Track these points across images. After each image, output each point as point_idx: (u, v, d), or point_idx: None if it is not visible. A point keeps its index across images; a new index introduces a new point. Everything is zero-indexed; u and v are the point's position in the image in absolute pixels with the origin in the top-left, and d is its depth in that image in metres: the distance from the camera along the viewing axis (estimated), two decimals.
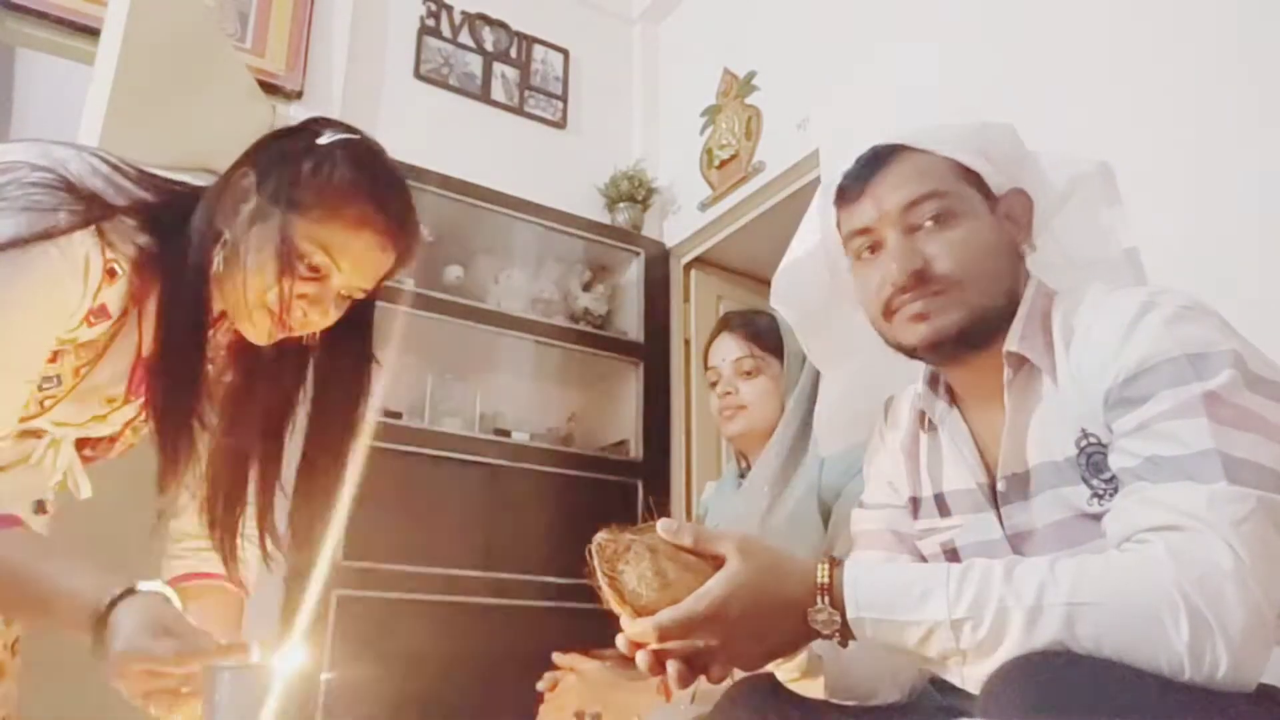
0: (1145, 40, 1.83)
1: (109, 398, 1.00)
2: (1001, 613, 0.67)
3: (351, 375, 1.07)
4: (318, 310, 0.95)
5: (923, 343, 0.87)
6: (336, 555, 2.34)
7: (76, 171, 0.90)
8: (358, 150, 0.96)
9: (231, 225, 0.93)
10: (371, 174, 0.95)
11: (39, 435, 1.05)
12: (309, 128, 0.98)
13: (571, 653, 1.46)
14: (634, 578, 0.75)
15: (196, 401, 0.96)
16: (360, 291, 0.99)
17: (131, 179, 0.94)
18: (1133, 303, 0.78)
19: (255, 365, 1.03)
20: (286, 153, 0.94)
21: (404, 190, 0.99)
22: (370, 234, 0.94)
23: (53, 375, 0.94)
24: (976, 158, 0.90)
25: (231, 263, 0.92)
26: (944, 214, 0.87)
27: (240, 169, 0.96)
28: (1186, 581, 0.63)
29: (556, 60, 3.39)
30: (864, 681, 0.89)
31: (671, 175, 3.36)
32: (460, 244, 3.02)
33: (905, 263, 0.86)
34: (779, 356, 1.54)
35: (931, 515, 0.95)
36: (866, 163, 0.91)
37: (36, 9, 2.34)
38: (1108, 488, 0.78)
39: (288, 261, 0.91)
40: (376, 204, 0.94)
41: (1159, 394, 0.72)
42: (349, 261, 0.94)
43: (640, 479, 2.93)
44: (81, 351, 0.94)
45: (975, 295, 0.86)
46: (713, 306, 3.21)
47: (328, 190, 0.92)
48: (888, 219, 0.88)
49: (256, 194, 0.93)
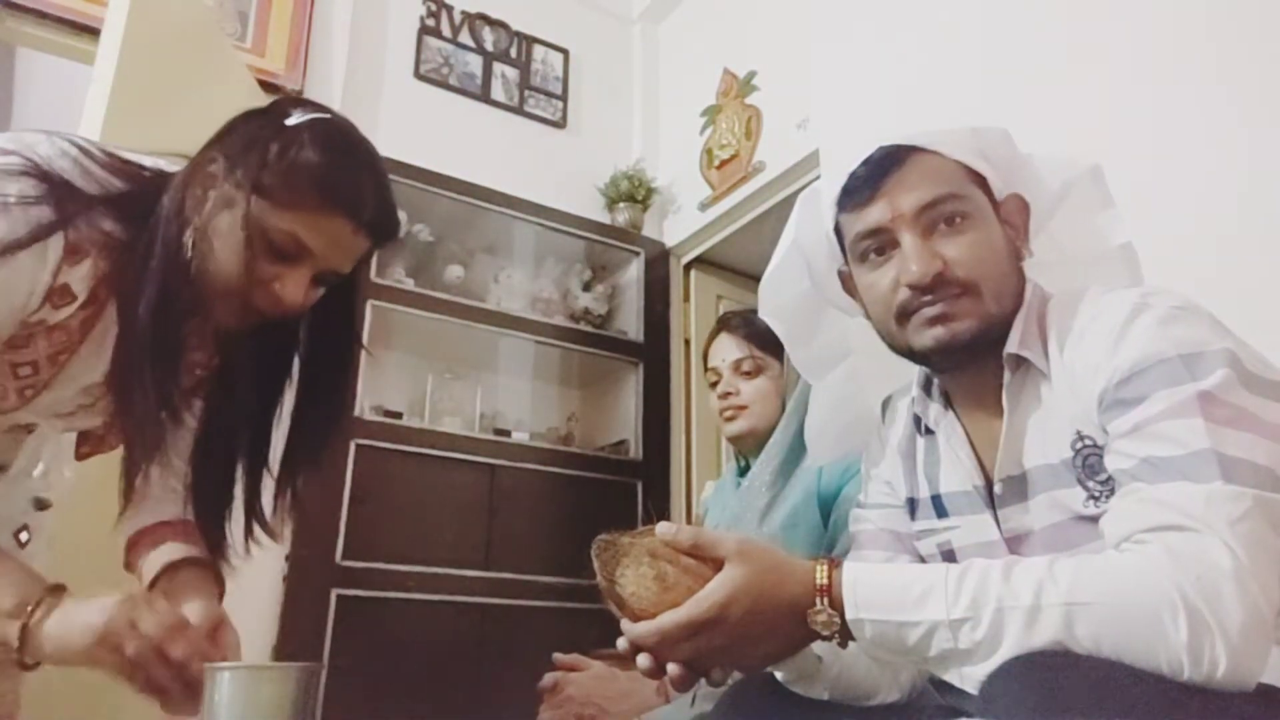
0: (1145, 40, 1.83)
1: (90, 386, 0.98)
2: (1000, 613, 0.67)
3: (335, 359, 1.06)
4: (291, 293, 0.93)
5: (939, 345, 0.86)
6: (336, 555, 2.35)
7: (45, 154, 0.89)
8: (325, 130, 0.93)
9: (200, 210, 0.91)
10: (340, 155, 0.92)
11: (29, 429, 1.04)
12: (277, 109, 0.96)
13: (571, 653, 1.46)
14: (633, 581, 0.75)
15: (166, 392, 0.93)
16: (335, 274, 0.97)
17: (101, 164, 0.93)
18: (1126, 304, 0.78)
19: (239, 350, 1.02)
20: (253, 136, 0.92)
21: (375, 170, 0.96)
22: (340, 216, 0.91)
23: (27, 361, 0.92)
24: (980, 160, 0.90)
25: (201, 249, 0.90)
26: (960, 216, 0.86)
27: (208, 153, 0.94)
28: (1185, 581, 0.63)
29: (556, 60, 3.40)
30: (864, 682, 0.89)
31: (671, 175, 3.36)
32: (460, 244, 3.03)
33: (926, 265, 0.84)
34: (778, 357, 1.54)
35: (929, 517, 0.95)
36: (877, 163, 0.89)
37: (36, 9, 2.34)
38: (1104, 489, 0.78)
39: (260, 248, 0.90)
40: (345, 186, 0.92)
41: (1153, 395, 0.72)
42: (320, 245, 0.92)
43: (640, 479, 2.93)
44: (54, 336, 0.92)
45: (991, 301, 0.85)
46: (713, 306, 3.22)
47: (294, 173, 0.89)
48: (903, 220, 0.86)
49: (224, 178, 0.91)
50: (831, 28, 2.72)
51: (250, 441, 1.06)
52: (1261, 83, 1.63)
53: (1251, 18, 1.67)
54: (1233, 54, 1.69)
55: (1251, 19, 1.67)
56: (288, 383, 1.06)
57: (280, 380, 1.05)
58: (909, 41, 2.41)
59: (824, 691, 0.87)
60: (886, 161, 0.89)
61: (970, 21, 2.24)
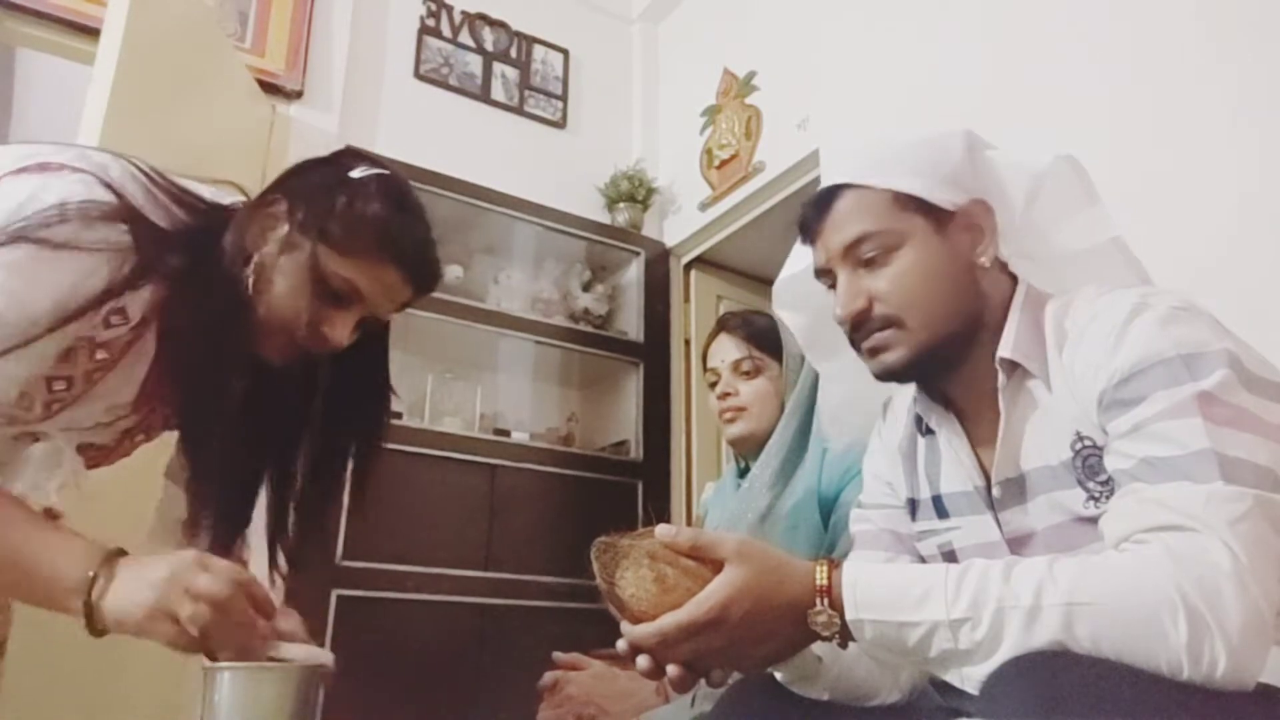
0: (1146, 38, 1.83)
1: (115, 405, 1.00)
2: (1000, 613, 0.67)
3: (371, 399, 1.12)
4: (339, 335, 0.98)
5: (878, 373, 0.91)
6: (336, 555, 2.35)
7: (118, 178, 0.91)
8: (388, 186, 0.99)
9: (261, 249, 0.96)
10: (400, 211, 0.99)
11: (36, 438, 1.04)
12: (341, 160, 1.02)
13: (571, 653, 1.46)
14: (633, 583, 0.75)
15: (225, 414, 0.98)
16: (376, 319, 1.03)
17: (165, 191, 0.97)
18: (1125, 304, 0.78)
19: (269, 382, 1.04)
20: (319, 184, 0.98)
21: (427, 226, 1.03)
22: (396, 268, 0.98)
23: (64, 376, 0.93)
24: (916, 180, 0.89)
25: (260, 286, 0.96)
26: (885, 249, 0.89)
27: (272, 195, 0.99)
28: (1185, 581, 0.63)
29: (556, 60, 3.40)
30: (864, 682, 0.89)
31: (671, 175, 3.36)
32: (460, 244, 3.02)
33: (848, 304, 0.90)
34: (778, 357, 1.54)
35: (930, 517, 0.95)
36: (815, 204, 0.94)
37: (36, 9, 2.34)
38: (1104, 490, 0.78)
39: (317, 291, 0.95)
40: (404, 240, 0.98)
41: (1153, 395, 0.72)
42: (373, 291, 0.98)
43: (640, 479, 2.93)
44: (97, 353, 0.94)
45: (919, 329, 0.87)
46: (713, 306, 3.21)
47: (360, 225, 0.95)
48: (835, 259, 0.92)
49: (287, 221, 0.97)
50: (831, 27, 2.72)
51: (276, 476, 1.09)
52: (1269, 84, 1.63)
53: (1252, 17, 1.67)
54: (1233, 54, 1.69)
55: (1252, 18, 1.67)
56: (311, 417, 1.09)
57: (303, 415, 1.09)
58: (909, 41, 2.41)
59: (824, 692, 0.87)
60: (820, 203, 0.94)
61: (970, 21, 2.25)
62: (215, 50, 2.32)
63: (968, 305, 0.89)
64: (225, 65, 2.37)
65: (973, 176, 0.92)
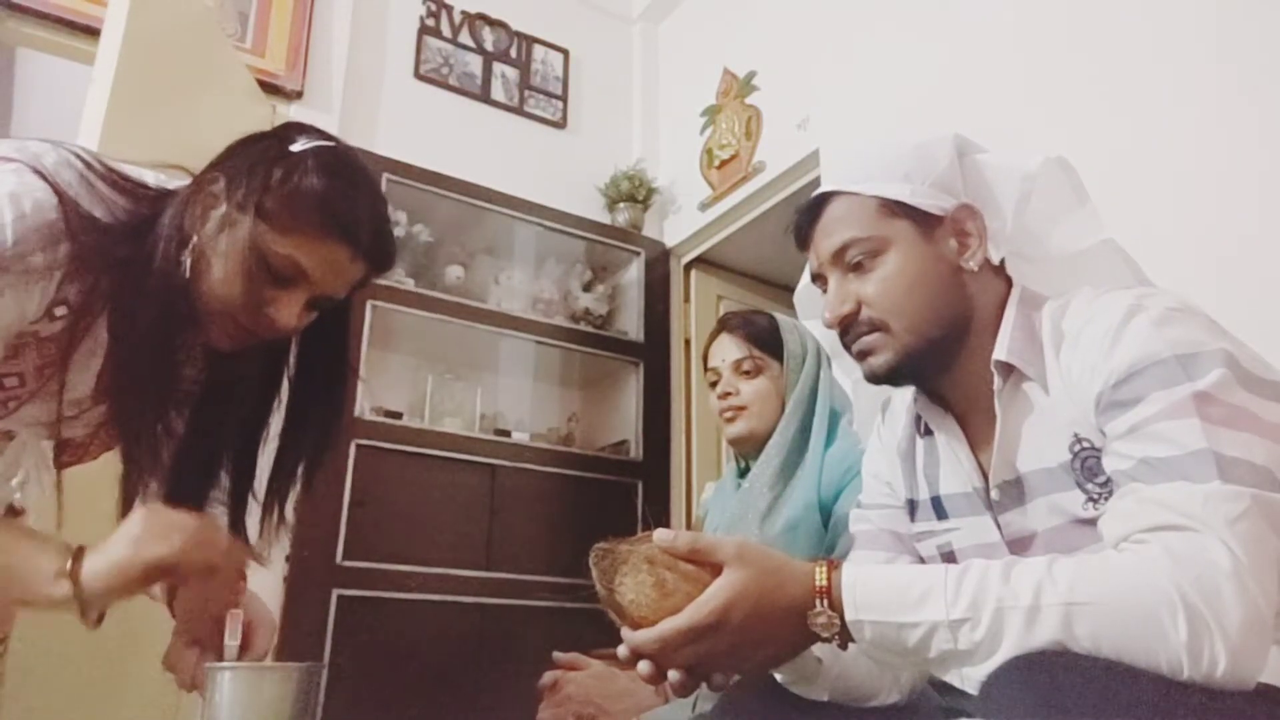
0: (1144, 39, 1.83)
1: (75, 399, 0.98)
2: (1000, 613, 0.67)
3: (325, 384, 1.06)
4: (284, 317, 0.93)
5: (867, 378, 0.92)
6: (336, 555, 2.35)
7: (51, 165, 0.89)
8: (329, 157, 0.94)
9: (200, 231, 0.92)
10: (342, 182, 0.93)
11: (9, 437, 1.04)
12: (282, 134, 0.97)
13: (571, 653, 1.46)
14: (632, 589, 0.75)
15: (162, 408, 0.95)
16: (329, 299, 0.97)
17: (105, 179, 0.93)
18: (1121, 306, 0.78)
19: (228, 367, 1.02)
20: (256, 159, 0.92)
21: (376, 199, 0.97)
22: (338, 244, 0.92)
23: (14, 373, 0.92)
24: (903, 185, 0.90)
25: (199, 268, 0.91)
26: (867, 255, 0.90)
27: (210, 174, 0.95)
28: (1184, 581, 0.63)
29: (556, 60, 3.40)
30: (864, 683, 0.89)
31: (671, 175, 3.36)
32: (460, 244, 3.03)
33: (836, 308, 0.92)
34: (778, 357, 1.54)
35: (929, 518, 0.95)
36: (804, 212, 0.96)
37: (36, 9, 2.34)
38: (1102, 492, 0.78)
39: (255, 271, 0.90)
40: (348, 214, 0.92)
41: (1150, 396, 0.72)
42: (317, 270, 0.93)
43: (640, 479, 2.93)
44: (43, 347, 0.92)
45: (904, 333, 0.88)
46: (713, 306, 3.22)
47: (296, 199, 0.90)
48: (825, 265, 0.94)
49: (225, 200, 0.92)
50: (831, 28, 2.72)
51: (236, 462, 1.07)
52: (1271, 84, 1.63)
53: (1254, 18, 1.67)
54: (1235, 54, 1.69)
55: (1253, 19, 1.67)
56: (276, 404, 1.06)
57: (268, 401, 1.06)
58: (909, 41, 2.41)
59: (824, 693, 0.87)
60: (811, 210, 0.95)
61: (969, 21, 2.25)
62: (215, 50, 2.32)
63: (954, 309, 0.89)
64: (225, 65, 2.37)
65: (962, 181, 0.93)
